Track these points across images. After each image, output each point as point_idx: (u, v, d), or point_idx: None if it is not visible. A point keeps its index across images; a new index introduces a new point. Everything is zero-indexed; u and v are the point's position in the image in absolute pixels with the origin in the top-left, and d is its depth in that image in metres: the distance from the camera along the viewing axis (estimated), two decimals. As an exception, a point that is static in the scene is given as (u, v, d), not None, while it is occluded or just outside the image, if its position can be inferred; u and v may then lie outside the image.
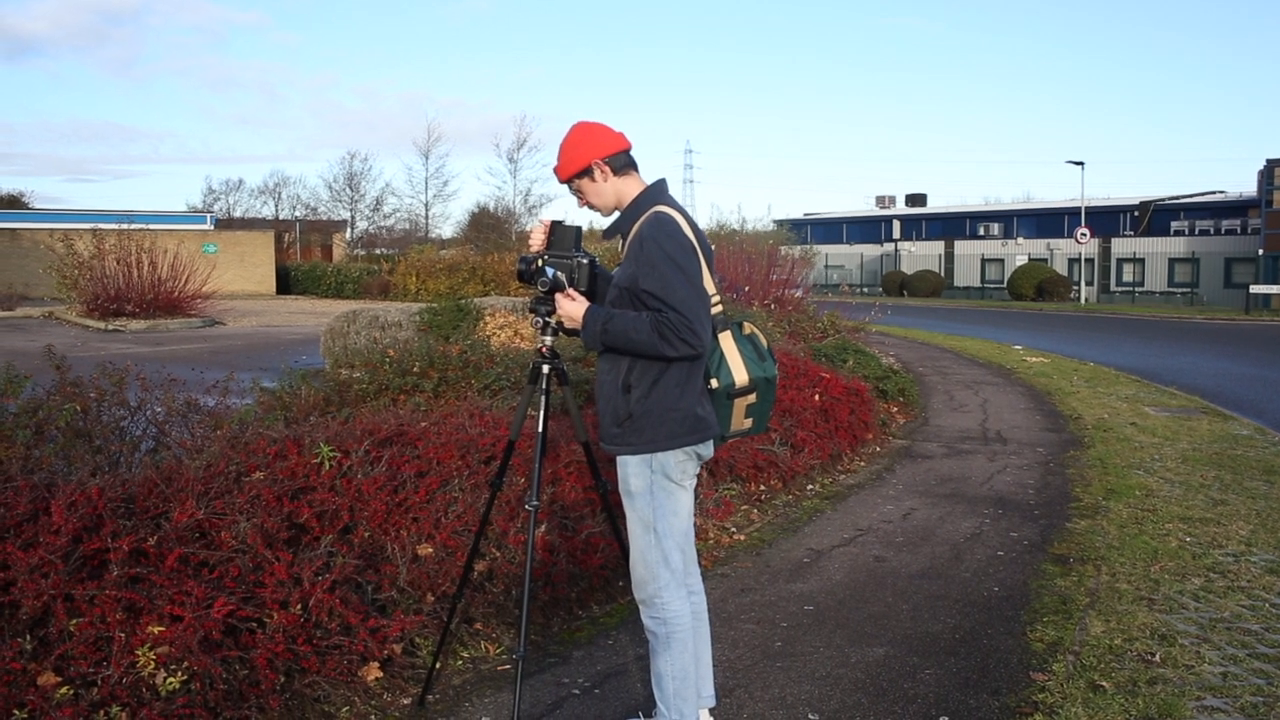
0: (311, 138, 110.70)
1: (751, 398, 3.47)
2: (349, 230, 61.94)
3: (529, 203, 60.58)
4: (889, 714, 3.97)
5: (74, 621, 3.41)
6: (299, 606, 3.83)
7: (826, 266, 54.39)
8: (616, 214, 3.51)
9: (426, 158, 64.60)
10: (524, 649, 3.52)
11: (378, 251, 55.60)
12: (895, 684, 4.25)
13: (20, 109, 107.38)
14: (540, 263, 3.60)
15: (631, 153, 3.52)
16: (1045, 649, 4.62)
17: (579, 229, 3.63)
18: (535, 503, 3.63)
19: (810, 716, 3.95)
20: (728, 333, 3.46)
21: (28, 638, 3.33)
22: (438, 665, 4.11)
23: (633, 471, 3.41)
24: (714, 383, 3.42)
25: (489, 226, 57.53)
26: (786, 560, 6.00)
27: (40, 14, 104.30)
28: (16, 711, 3.13)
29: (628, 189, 3.48)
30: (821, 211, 68.82)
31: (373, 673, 4.01)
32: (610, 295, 3.44)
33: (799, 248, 33.89)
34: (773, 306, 16.30)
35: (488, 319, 12.69)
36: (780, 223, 61.91)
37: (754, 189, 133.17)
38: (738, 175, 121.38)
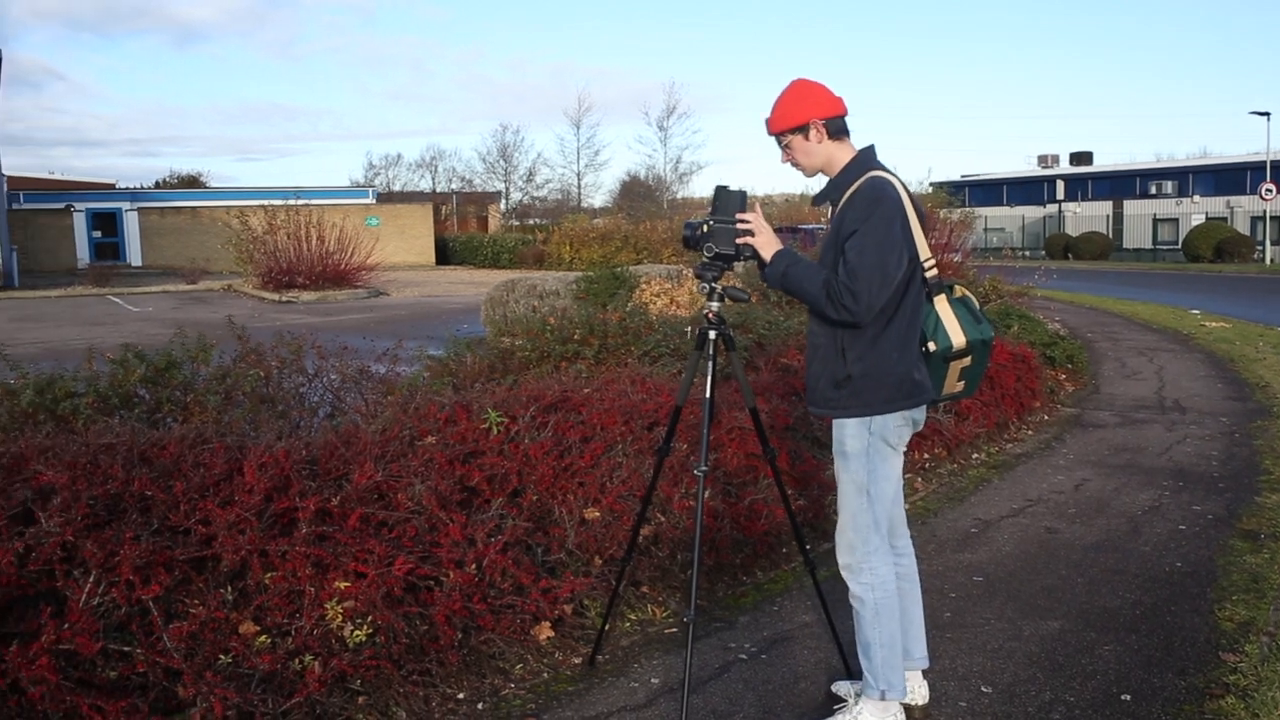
0: (462, 110, 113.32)
1: (966, 360, 3.41)
2: (503, 201, 63.30)
3: (679, 170, 60.68)
4: (1067, 690, 3.84)
5: (268, 575, 3.60)
6: (473, 566, 3.95)
7: (986, 230, 52.51)
8: (822, 177, 3.48)
9: (578, 128, 65.51)
10: (693, 612, 3.54)
11: (531, 221, 56.65)
12: (1072, 659, 4.11)
13: (192, 93, 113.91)
14: (706, 227, 3.58)
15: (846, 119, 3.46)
16: (1236, 629, 4.38)
17: (744, 193, 3.59)
18: (704, 468, 3.64)
19: (984, 689, 3.86)
20: (941, 296, 3.40)
21: (229, 589, 3.54)
22: (606, 627, 4.18)
23: (850, 433, 3.38)
24: (931, 345, 3.36)
25: (640, 195, 57.91)
26: (953, 530, 5.86)
27: (205, 1, 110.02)
28: (222, 656, 3.33)
29: (840, 155, 3.42)
30: (980, 173, 66.51)
31: (544, 632, 4.11)
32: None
33: (958, 210, 32.78)
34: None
35: (643, 286, 12.80)
36: (938, 185, 60.12)
37: (912, 150, 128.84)
38: (896, 135, 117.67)
